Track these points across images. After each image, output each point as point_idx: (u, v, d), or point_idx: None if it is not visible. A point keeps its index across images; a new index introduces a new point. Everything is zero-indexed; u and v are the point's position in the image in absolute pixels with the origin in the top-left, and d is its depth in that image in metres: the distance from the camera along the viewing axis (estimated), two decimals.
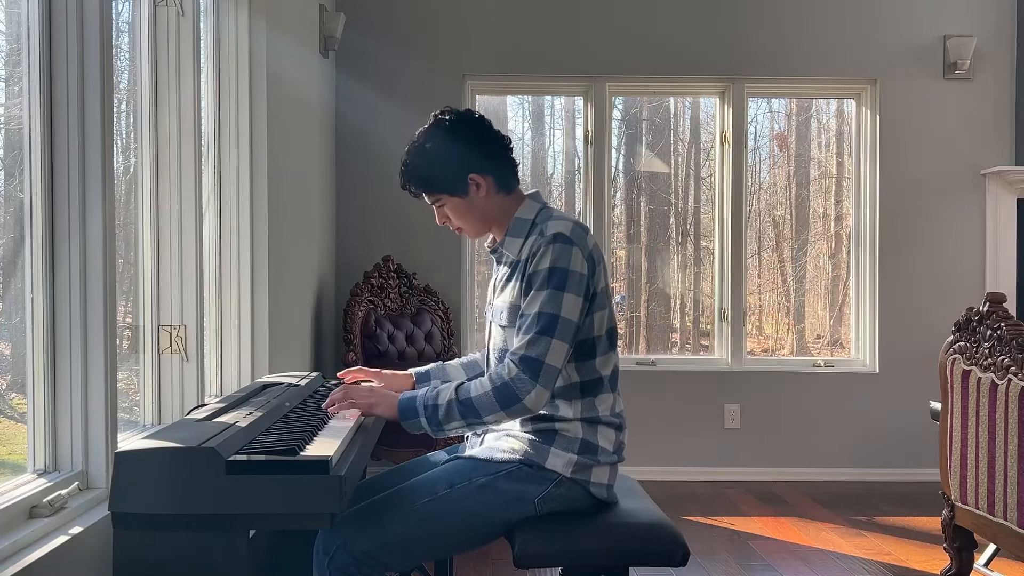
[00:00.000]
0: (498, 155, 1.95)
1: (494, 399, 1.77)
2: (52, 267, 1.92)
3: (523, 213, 1.94)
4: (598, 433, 1.86)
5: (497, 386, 1.77)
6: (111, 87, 1.99)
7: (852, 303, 5.01)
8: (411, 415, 1.82)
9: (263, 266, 3.19)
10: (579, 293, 1.80)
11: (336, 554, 1.73)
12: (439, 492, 1.82)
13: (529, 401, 1.76)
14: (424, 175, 1.93)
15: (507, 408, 1.77)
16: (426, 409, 1.81)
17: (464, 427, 1.81)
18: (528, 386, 1.75)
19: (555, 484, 1.83)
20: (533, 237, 1.87)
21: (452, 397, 1.80)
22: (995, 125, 4.85)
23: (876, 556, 3.50)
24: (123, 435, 2.25)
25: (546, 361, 1.76)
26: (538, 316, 1.78)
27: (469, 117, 1.96)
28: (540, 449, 1.84)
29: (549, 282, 1.79)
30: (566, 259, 1.80)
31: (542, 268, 1.80)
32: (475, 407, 1.78)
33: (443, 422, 1.80)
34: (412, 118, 4.66)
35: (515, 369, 1.77)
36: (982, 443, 2.52)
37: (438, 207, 1.97)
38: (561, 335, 1.77)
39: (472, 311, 4.90)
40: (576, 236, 1.83)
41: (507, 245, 1.93)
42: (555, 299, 1.78)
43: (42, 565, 1.64)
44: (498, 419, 1.80)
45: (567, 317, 1.78)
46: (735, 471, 4.77)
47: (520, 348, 1.78)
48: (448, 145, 1.91)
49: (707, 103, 5.17)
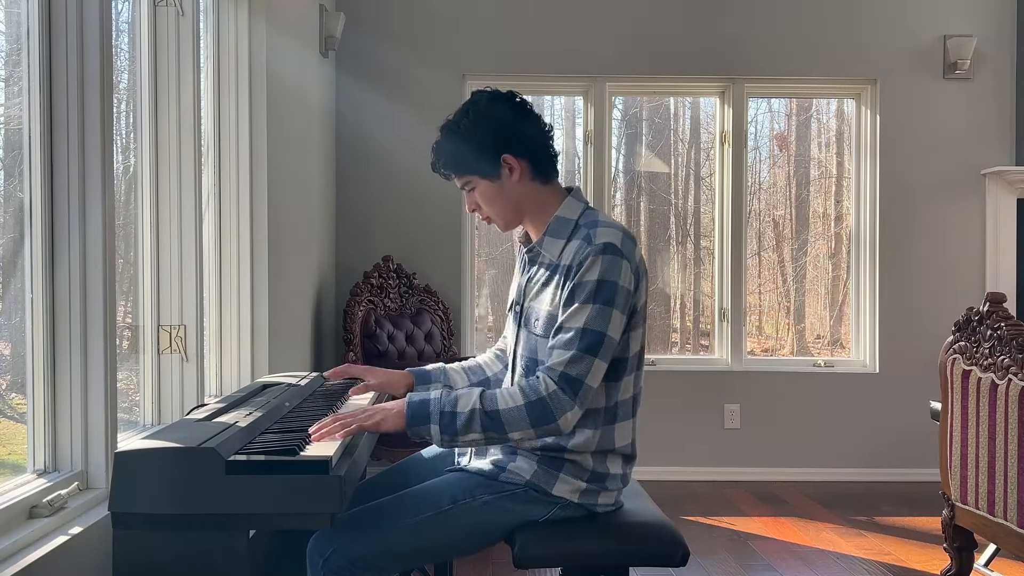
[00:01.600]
0: (537, 140, 1.83)
1: (526, 414, 1.65)
2: (52, 267, 1.92)
3: (565, 212, 1.83)
4: (608, 462, 1.80)
5: (532, 401, 1.65)
6: (111, 87, 1.99)
7: (852, 303, 5.01)
8: (421, 421, 1.67)
9: (263, 266, 3.19)
10: (624, 311, 1.70)
11: (331, 556, 1.69)
12: (442, 507, 1.76)
13: (563, 422, 1.66)
14: (455, 154, 1.81)
15: (538, 426, 1.66)
16: (442, 416, 1.66)
17: (481, 441, 1.68)
18: (566, 406, 1.65)
19: (560, 507, 1.80)
20: (578, 242, 1.75)
21: (477, 406, 1.66)
22: (995, 125, 4.85)
23: (876, 556, 3.50)
24: (123, 435, 2.25)
25: (586, 382, 1.66)
26: (583, 332, 1.67)
27: (510, 96, 1.84)
28: (548, 475, 1.78)
29: (596, 296, 1.68)
30: (616, 272, 1.69)
31: (589, 280, 1.69)
32: (502, 420, 1.65)
33: (461, 432, 1.66)
34: (412, 118, 4.75)
35: (553, 386, 1.65)
36: (982, 443, 2.52)
37: (468, 191, 1.85)
38: (603, 355, 1.68)
39: (472, 311, 4.90)
40: (626, 248, 1.72)
41: (546, 246, 1.81)
42: (603, 316, 1.67)
43: (42, 565, 1.64)
44: (524, 436, 1.68)
45: (612, 336, 1.68)
46: (735, 471, 4.77)
47: (560, 364, 1.67)
48: (483, 123, 1.78)
49: (707, 103, 5.17)
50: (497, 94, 1.84)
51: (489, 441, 1.69)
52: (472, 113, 1.81)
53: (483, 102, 1.82)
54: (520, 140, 1.81)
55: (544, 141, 1.85)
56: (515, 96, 1.85)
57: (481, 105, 1.82)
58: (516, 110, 1.83)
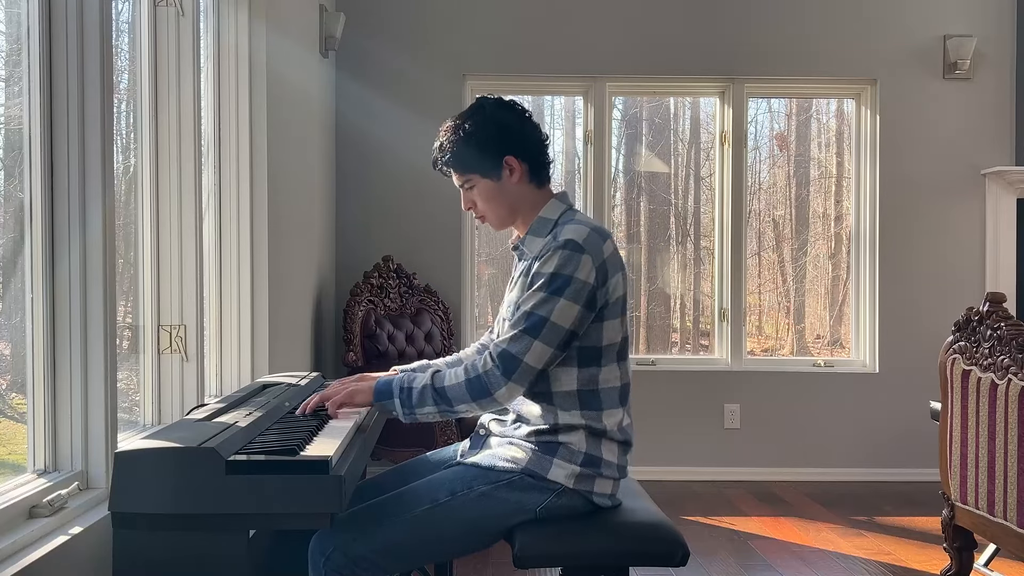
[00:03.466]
0: (536, 145, 1.95)
1: (466, 390, 1.79)
2: (52, 267, 1.92)
3: (547, 212, 1.93)
4: (602, 446, 1.84)
5: (471, 378, 1.79)
6: (111, 87, 1.99)
7: (852, 303, 5.01)
8: (386, 396, 1.83)
9: (263, 266, 3.19)
10: (577, 301, 1.78)
11: (332, 555, 1.71)
12: (439, 499, 1.80)
13: (500, 396, 1.78)
14: (459, 152, 1.91)
15: (477, 400, 1.79)
16: (401, 392, 1.82)
17: (436, 414, 1.82)
18: (500, 382, 1.77)
19: (557, 494, 1.82)
20: (549, 238, 1.87)
21: (428, 383, 1.81)
22: (995, 125, 4.85)
23: (876, 556, 3.50)
24: (123, 435, 2.25)
25: (524, 360, 1.77)
26: (527, 315, 1.78)
27: (512, 104, 1.97)
28: (542, 460, 1.82)
29: (548, 286, 1.78)
30: (572, 267, 1.78)
31: (545, 271, 1.80)
32: (447, 396, 1.80)
33: (416, 406, 1.81)
34: (412, 118, 4.75)
35: (490, 363, 1.78)
36: (982, 443, 2.52)
37: (467, 189, 1.95)
38: (546, 338, 1.77)
39: (472, 311, 4.90)
40: (590, 243, 1.81)
41: (527, 243, 1.93)
42: (549, 303, 1.77)
43: (42, 565, 1.64)
44: (469, 409, 1.81)
45: (556, 322, 1.77)
46: (735, 471, 4.77)
47: (502, 342, 1.79)
48: (488, 125, 1.91)
49: (707, 103, 5.17)
50: (502, 101, 1.98)
51: (443, 414, 1.83)
52: (479, 115, 1.93)
53: (489, 106, 1.95)
54: (522, 143, 1.93)
55: (543, 148, 1.97)
56: (518, 104, 1.98)
57: (488, 109, 1.94)
58: (520, 116, 1.96)
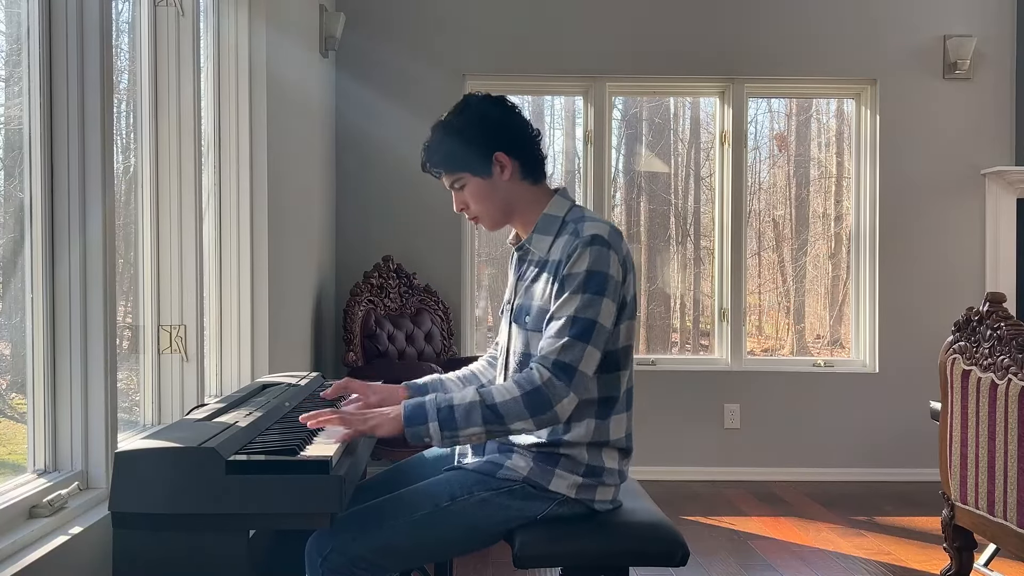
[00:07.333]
0: (527, 141, 1.87)
1: (523, 405, 1.66)
2: (52, 267, 1.93)
3: (552, 210, 1.86)
4: (604, 455, 1.81)
5: (527, 391, 1.66)
6: (111, 87, 1.99)
7: (852, 303, 5.01)
8: (418, 421, 1.68)
9: (263, 266, 3.19)
10: (615, 299, 1.73)
11: (330, 555, 1.69)
12: (440, 504, 1.77)
13: (561, 409, 1.67)
14: (447, 151, 1.84)
15: (536, 416, 1.67)
16: (439, 412, 1.67)
17: (482, 434, 1.69)
18: (562, 392, 1.66)
19: (558, 503, 1.80)
20: (566, 237, 1.79)
21: (476, 399, 1.68)
22: (995, 125, 4.85)
23: (876, 556, 3.50)
24: (123, 435, 2.25)
25: (580, 368, 1.68)
26: (573, 320, 1.69)
27: (501, 99, 1.89)
28: (544, 471, 1.79)
29: (587, 286, 1.71)
30: (604, 263, 1.72)
31: (578, 271, 1.72)
32: (500, 412, 1.66)
33: (460, 426, 1.67)
34: (412, 118, 4.74)
35: (548, 374, 1.67)
36: (982, 443, 2.52)
37: (457, 189, 1.88)
38: (596, 342, 1.70)
39: (472, 311, 4.90)
40: (613, 240, 1.76)
41: (535, 243, 1.85)
42: (593, 304, 1.70)
43: (42, 565, 1.64)
44: (525, 427, 1.69)
45: (603, 323, 1.70)
46: (735, 471, 4.77)
47: (552, 353, 1.68)
48: (476, 122, 1.83)
49: (707, 103, 5.17)
50: (489, 96, 1.90)
51: (490, 435, 1.70)
52: (465, 112, 1.86)
53: (476, 102, 1.88)
54: (511, 139, 1.85)
55: (534, 143, 1.89)
56: (506, 99, 1.90)
57: (474, 105, 1.87)
58: (508, 111, 1.88)
